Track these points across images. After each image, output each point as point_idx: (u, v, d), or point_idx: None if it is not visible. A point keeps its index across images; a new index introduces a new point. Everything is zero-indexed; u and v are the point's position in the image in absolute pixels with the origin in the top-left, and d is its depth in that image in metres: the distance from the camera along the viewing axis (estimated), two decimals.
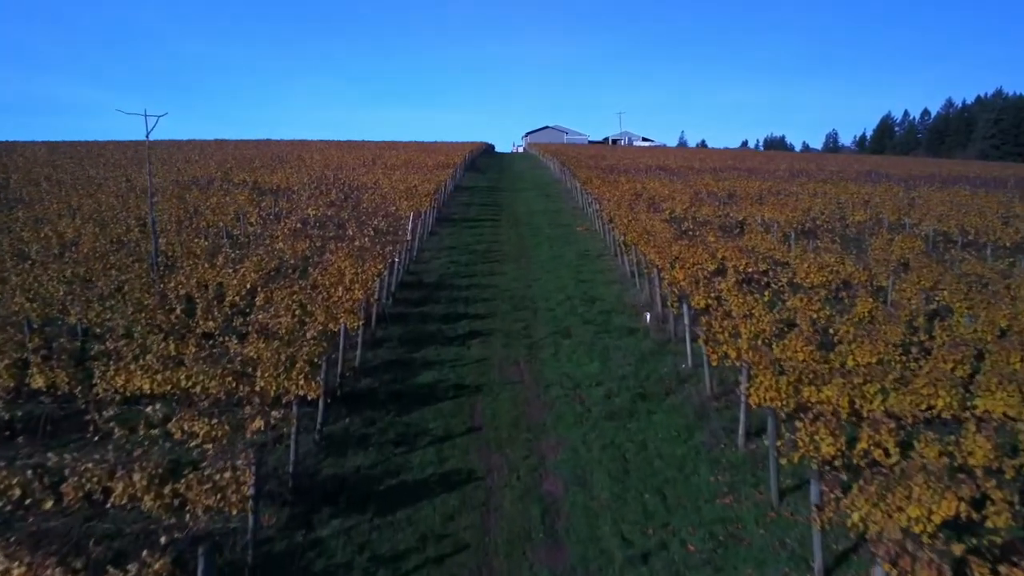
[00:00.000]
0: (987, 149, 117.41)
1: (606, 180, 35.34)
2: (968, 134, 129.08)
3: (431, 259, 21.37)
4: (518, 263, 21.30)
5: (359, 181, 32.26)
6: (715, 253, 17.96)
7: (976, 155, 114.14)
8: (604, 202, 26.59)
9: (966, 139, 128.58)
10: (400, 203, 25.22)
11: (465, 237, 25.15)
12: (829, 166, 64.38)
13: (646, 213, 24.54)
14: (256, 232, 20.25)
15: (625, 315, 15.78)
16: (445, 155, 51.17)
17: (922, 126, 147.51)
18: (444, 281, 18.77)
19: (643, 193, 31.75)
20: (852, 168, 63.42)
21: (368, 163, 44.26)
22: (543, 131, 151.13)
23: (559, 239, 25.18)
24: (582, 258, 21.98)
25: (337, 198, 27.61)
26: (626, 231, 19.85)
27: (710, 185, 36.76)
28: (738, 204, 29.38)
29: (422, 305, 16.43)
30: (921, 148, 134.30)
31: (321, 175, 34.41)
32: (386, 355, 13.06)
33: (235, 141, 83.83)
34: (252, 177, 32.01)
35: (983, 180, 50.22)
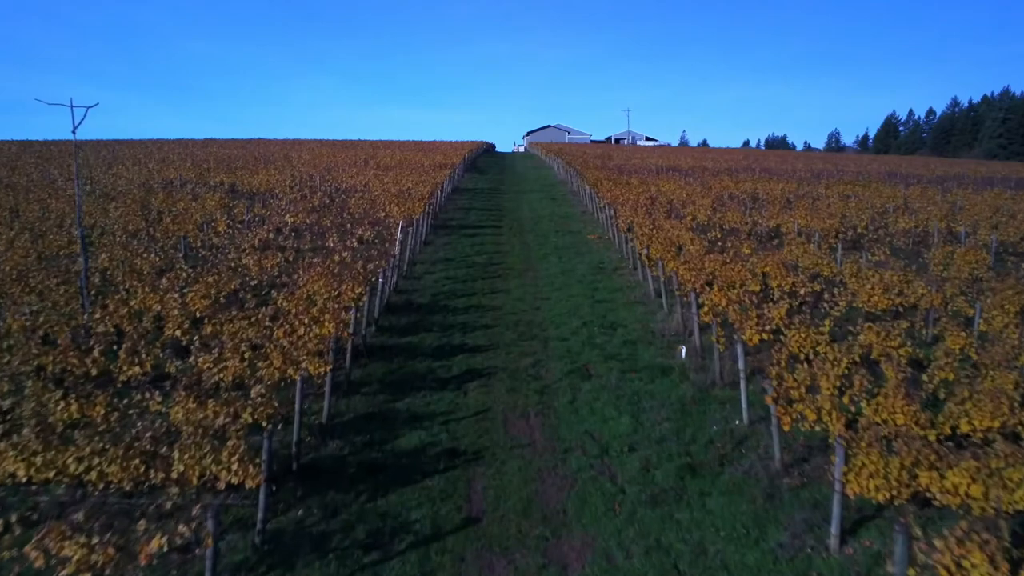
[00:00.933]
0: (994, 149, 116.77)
1: (617, 182, 32.88)
2: (975, 134, 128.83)
3: (424, 274, 18.87)
4: (523, 278, 18.81)
5: (348, 183, 29.78)
6: (755, 270, 15.45)
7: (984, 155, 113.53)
8: (619, 207, 24.12)
9: (972, 139, 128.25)
10: (391, 208, 22.76)
11: (463, 247, 22.66)
12: (847, 166, 61.90)
13: (666, 220, 22.07)
14: (222, 243, 17.75)
15: (654, 347, 13.27)
16: (443, 155, 48.70)
17: (927, 125, 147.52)
18: (438, 302, 16.28)
19: (659, 196, 29.30)
20: (871, 168, 60.96)
21: (360, 164, 41.82)
22: (545, 130, 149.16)
23: (569, 249, 22.68)
24: (596, 273, 19.47)
25: (321, 202, 25.13)
26: (649, 242, 17.36)
27: (730, 187, 34.28)
28: (765, 209, 26.90)
29: (411, 333, 13.93)
30: (926, 148, 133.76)
31: (306, 177, 31.92)
32: (362, 405, 10.56)
33: (223, 140, 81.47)
34: (230, 179, 29.54)
35: (1018, 181, 47.69)
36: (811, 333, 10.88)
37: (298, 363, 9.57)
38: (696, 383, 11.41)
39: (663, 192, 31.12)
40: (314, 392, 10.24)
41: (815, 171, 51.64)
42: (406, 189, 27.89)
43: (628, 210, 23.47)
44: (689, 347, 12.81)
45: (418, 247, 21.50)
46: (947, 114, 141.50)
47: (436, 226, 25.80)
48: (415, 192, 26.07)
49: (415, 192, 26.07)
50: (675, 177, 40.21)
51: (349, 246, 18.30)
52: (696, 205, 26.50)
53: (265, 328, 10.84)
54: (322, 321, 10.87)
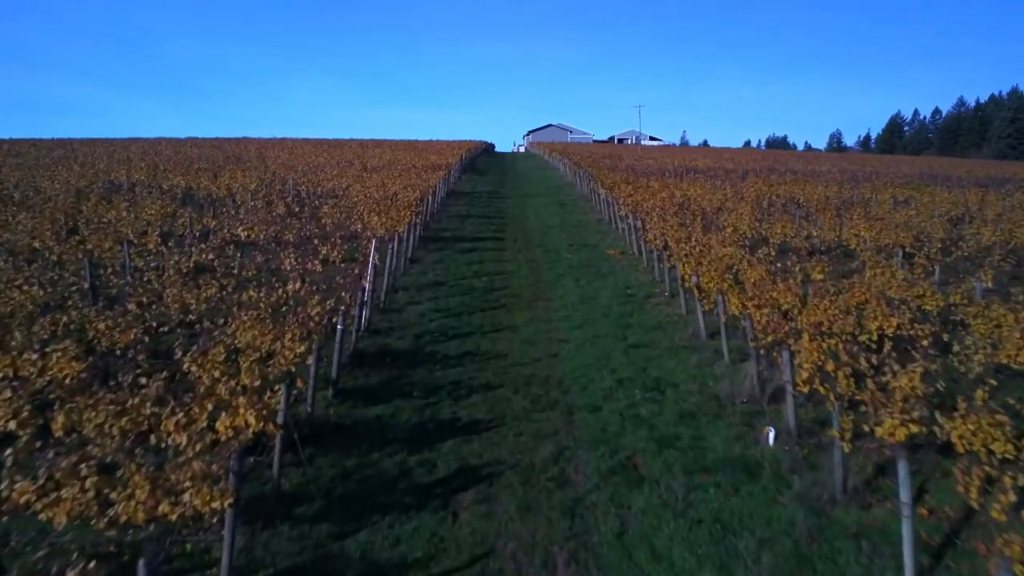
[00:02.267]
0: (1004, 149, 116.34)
1: (635, 185, 29.18)
2: (983, 134, 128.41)
3: (407, 305, 15.14)
4: (533, 310, 15.10)
5: (325, 187, 26.06)
6: (846, 305, 11.71)
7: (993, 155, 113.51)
8: (646, 217, 20.42)
9: (981, 139, 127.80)
10: (369, 218, 19.04)
11: (458, 266, 18.94)
12: (876, 167, 58.24)
13: (703, 232, 18.38)
14: (147, 266, 14.02)
15: (724, 424, 9.54)
16: (438, 155, 44.99)
17: (932, 125, 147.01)
18: (423, 347, 12.56)
19: (686, 202, 25.62)
20: (902, 170, 57.38)
21: (344, 164, 38.11)
22: (546, 129, 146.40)
23: (586, 269, 18.97)
24: (624, 301, 15.77)
25: (288, 211, 21.42)
26: (697, 267, 13.66)
27: (764, 191, 30.59)
28: (816, 218, 23.20)
29: (382, 400, 10.21)
30: (932, 148, 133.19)
31: (278, 179, 28.16)
32: (287, 551, 6.80)
33: (206, 139, 77.86)
34: (187, 181, 25.80)
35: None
36: (985, 425, 7.17)
37: (177, 494, 5.87)
38: (805, 496, 7.66)
39: (690, 197, 27.43)
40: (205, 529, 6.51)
41: (848, 173, 47.99)
42: (391, 194, 24.19)
43: (657, 219, 19.79)
44: (782, 428, 9.08)
45: (402, 267, 17.77)
46: (953, 114, 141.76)
47: (427, 238, 22.08)
48: (401, 198, 22.37)
49: (401, 198, 22.37)
50: (698, 179, 36.53)
51: (311, 268, 14.59)
52: (734, 213, 22.81)
53: (148, 416, 7.15)
54: (236, 407, 7.18)
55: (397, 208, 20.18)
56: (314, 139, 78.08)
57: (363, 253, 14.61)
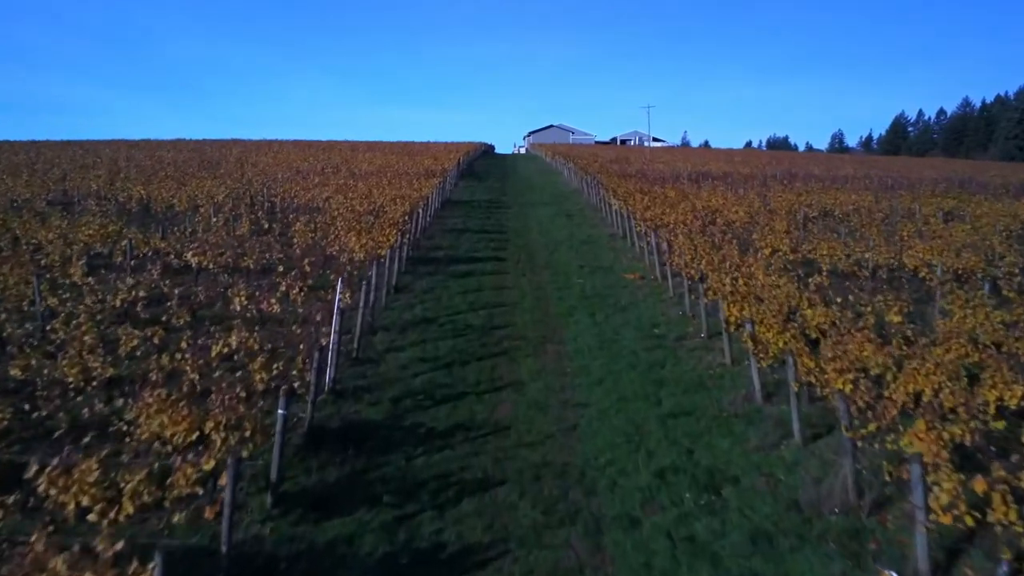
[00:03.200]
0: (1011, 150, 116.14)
1: (650, 195, 26.56)
2: (989, 134, 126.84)
3: (387, 352, 12.48)
4: (542, 357, 12.45)
5: (304, 198, 23.40)
6: (955, 369, 9.05)
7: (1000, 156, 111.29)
8: (670, 235, 17.80)
9: (987, 139, 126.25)
10: (348, 239, 16.42)
11: (451, 295, 16.28)
12: (900, 170, 55.62)
13: (740, 254, 15.78)
14: (62, 310, 11.34)
15: (816, 556, 6.87)
16: (434, 159, 42.30)
17: (937, 126, 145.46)
18: (400, 418, 9.91)
19: (708, 214, 23.03)
20: (924, 174, 54.74)
21: (331, 170, 35.48)
22: (547, 130, 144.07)
23: (603, 299, 16.32)
24: (653, 345, 13.12)
25: (258, 227, 18.78)
26: (745, 306, 11.02)
27: (792, 200, 27.95)
28: (860, 233, 20.57)
29: (339, 510, 7.56)
30: (938, 149, 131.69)
31: (252, 188, 25.46)
32: None
33: (193, 140, 75.28)
34: (148, 191, 23.13)
35: None
36: None
37: None
38: None
39: (712, 208, 24.82)
40: None
41: (875, 178, 45.37)
42: (377, 207, 21.58)
43: (683, 239, 17.17)
44: (905, 567, 6.42)
45: (384, 299, 15.13)
46: (959, 114, 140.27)
47: (416, 259, 19.44)
48: (388, 213, 19.76)
49: (388, 213, 19.76)
50: (717, 187, 33.90)
51: (268, 309, 11.95)
52: (766, 228, 20.19)
53: None
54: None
55: (381, 226, 17.55)
56: (305, 140, 75.54)
57: (331, 288, 11.95)
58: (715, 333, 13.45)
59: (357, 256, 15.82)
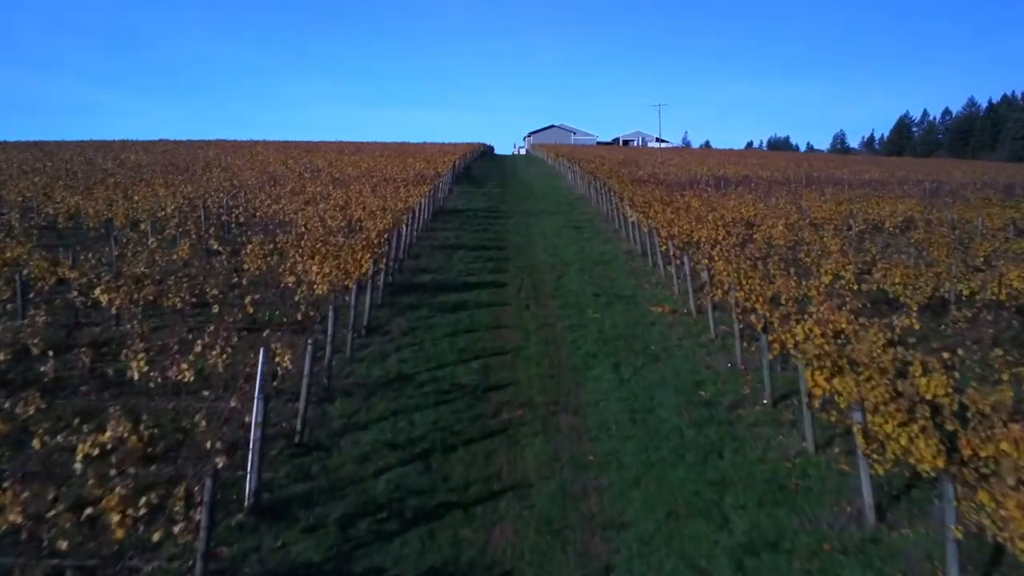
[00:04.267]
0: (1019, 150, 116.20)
1: (673, 206, 23.42)
2: (995, 135, 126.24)
3: (345, 428, 9.31)
4: (554, 440, 9.32)
5: (269, 210, 20.24)
6: None
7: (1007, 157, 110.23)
8: (707, 256, 14.68)
9: (994, 140, 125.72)
10: (309, 266, 13.30)
11: (437, 338, 13.12)
12: (932, 173, 52.44)
13: (796, 283, 12.64)
14: None
15: None
16: (427, 162, 39.09)
17: (943, 126, 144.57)
18: (349, 555, 6.78)
19: (743, 227, 19.92)
20: (955, 177, 51.64)
21: (311, 174, 32.31)
22: (548, 131, 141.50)
23: (627, 341, 13.17)
24: (703, 419, 9.98)
25: (200, 250, 15.64)
26: (854, 390, 7.88)
27: (832, 211, 24.82)
28: (928, 254, 17.45)
29: None
30: (943, 149, 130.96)
31: (209, 198, 22.25)
32: None
33: (175, 140, 72.20)
34: (84, 203, 19.92)
35: None
36: None
37: None
38: None
39: (745, 220, 21.73)
40: None
41: (907, 181, 42.23)
42: (355, 221, 18.48)
43: (720, 262, 14.06)
44: None
45: (350, 346, 12.00)
46: (964, 114, 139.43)
47: (397, 287, 16.31)
48: (366, 229, 16.65)
49: (366, 229, 16.65)
50: (743, 193, 30.77)
51: (177, 373, 8.82)
52: (820, 249, 17.06)
53: None
54: None
55: (353, 249, 14.40)
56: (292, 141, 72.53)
57: (305, 320, 8.78)
58: (782, 396, 10.36)
59: (319, 290, 12.71)
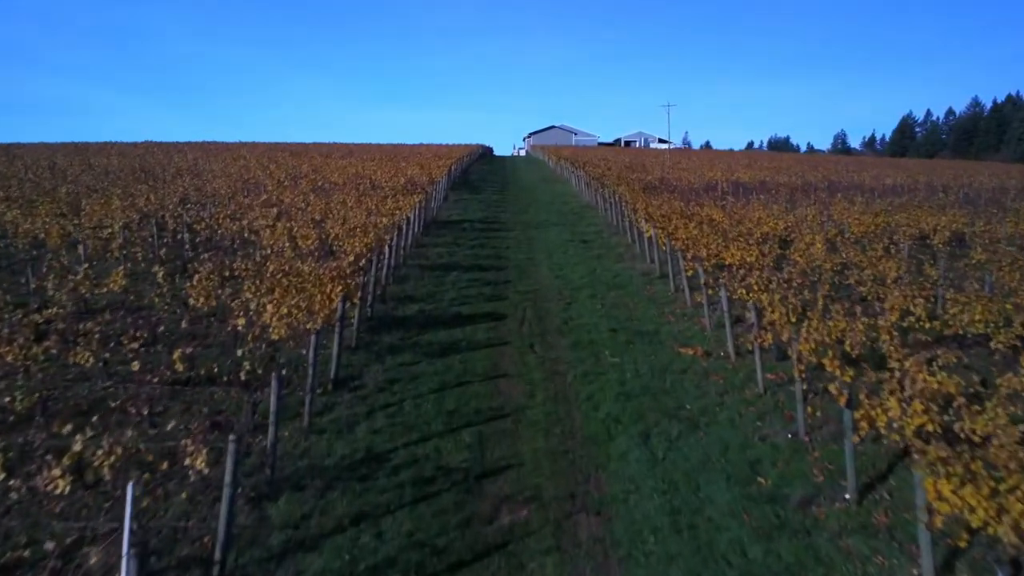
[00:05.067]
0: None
1: (696, 219, 20.97)
2: (1000, 135, 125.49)
3: (285, 550, 6.88)
4: (570, 559, 6.87)
5: (231, 227, 17.79)
6: None
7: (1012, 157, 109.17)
8: (742, 284, 12.27)
9: (998, 140, 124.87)
10: (263, 305, 10.86)
11: (421, 395, 10.68)
12: (956, 176, 50.06)
13: (861, 320, 10.21)
14: None
15: None
16: (421, 167, 36.65)
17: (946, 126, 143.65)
18: None
19: (775, 243, 17.49)
20: (981, 180, 49.24)
21: (291, 181, 29.88)
22: (548, 131, 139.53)
23: (657, 398, 10.73)
24: (768, 524, 7.55)
25: (139, 278, 13.20)
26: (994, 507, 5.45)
27: (869, 223, 22.39)
28: (999, 280, 15.03)
29: None
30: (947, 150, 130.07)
31: (168, 212, 19.77)
32: None
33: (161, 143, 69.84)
34: (11, 217, 17.44)
35: None
36: None
37: None
38: None
39: (777, 234, 19.33)
40: None
41: (934, 187, 39.83)
42: (331, 239, 16.09)
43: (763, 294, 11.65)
44: None
45: (309, 411, 9.57)
46: (968, 114, 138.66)
47: (378, 321, 13.91)
48: (340, 254, 14.25)
49: (340, 254, 14.25)
50: (764, 202, 28.35)
51: (48, 482, 6.37)
52: (872, 274, 14.64)
53: None
54: None
55: (321, 280, 11.96)
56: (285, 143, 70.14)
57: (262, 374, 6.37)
58: (867, 487, 7.98)
59: (276, 335, 10.30)
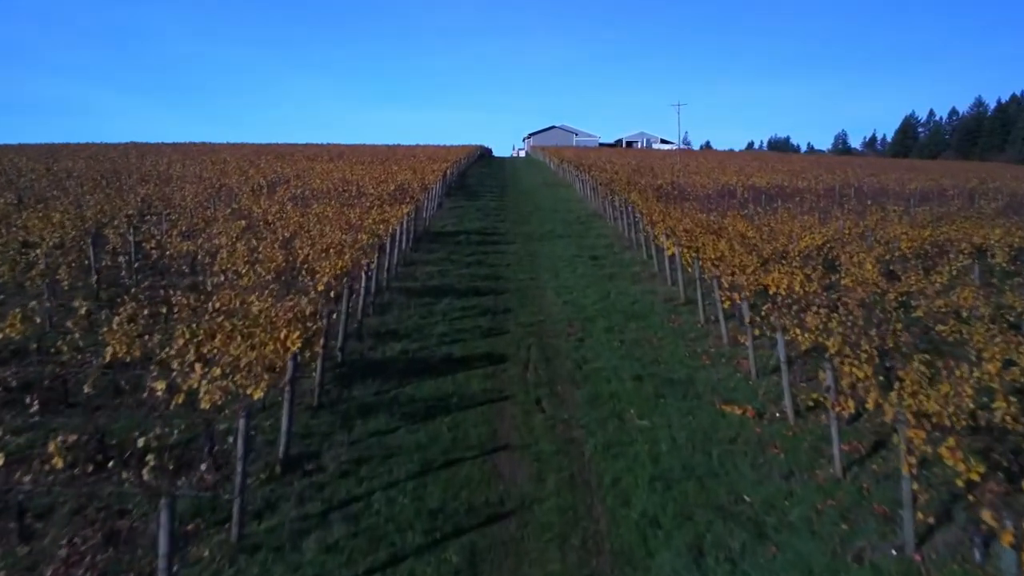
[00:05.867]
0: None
1: (727, 237, 18.49)
2: (1005, 135, 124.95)
3: None
4: None
5: (183, 247, 15.27)
6: None
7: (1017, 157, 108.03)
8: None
9: (1003, 140, 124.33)
10: (195, 367, 8.35)
11: (393, 495, 8.15)
12: (986, 178, 47.61)
13: (949, 380, 7.72)
14: None
15: None
16: (413, 170, 34.12)
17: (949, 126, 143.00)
18: None
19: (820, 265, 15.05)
20: (1010, 186, 46.75)
21: (269, 188, 27.38)
22: (549, 131, 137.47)
23: (704, 483, 8.21)
24: None
25: (49, 319, 10.69)
26: None
27: (915, 237, 19.93)
28: None
29: None
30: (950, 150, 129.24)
31: (112, 227, 17.20)
32: None
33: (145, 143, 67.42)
34: None
35: None
36: None
37: None
38: None
39: (817, 252, 16.89)
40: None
41: (955, 188, 37.39)
42: (298, 264, 13.59)
43: (819, 332, 9.18)
44: None
45: (243, 509, 7.07)
46: (972, 114, 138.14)
47: (350, 367, 11.40)
48: (310, 285, 11.77)
49: (310, 285, 11.77)
50: (791, 211, 25.87)
51: None
52: (943, 309, 12.17)
53: None
54: None
55: (274, 323, 9.45)
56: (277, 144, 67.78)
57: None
58: None
59: (203, 402, 7.81)
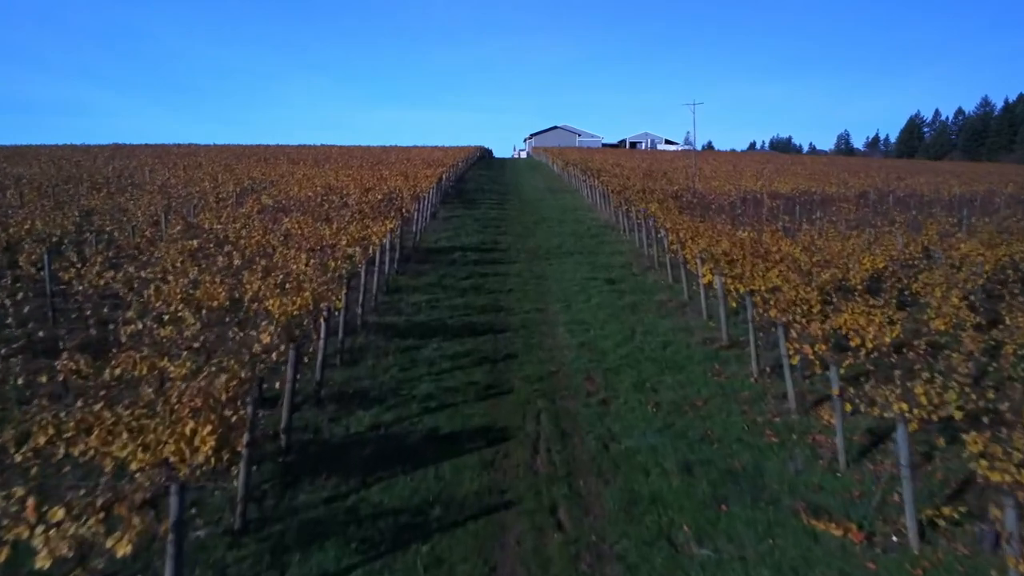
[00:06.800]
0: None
1: (765, 255, 15.68)
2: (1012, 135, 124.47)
3: None
4: None
5: (101, 280, 12.45)
6: None
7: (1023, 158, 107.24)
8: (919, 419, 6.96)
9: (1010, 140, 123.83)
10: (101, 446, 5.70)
11: None
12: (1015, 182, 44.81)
13: None
14: None
15: None
16: (405, 176, 31.28)
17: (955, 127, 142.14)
18: None
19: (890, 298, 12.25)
20: None
21: (238, 197, 24.59)
22: (551, 132, 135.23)
23: None
24: None
25: None
26: None
27: (989, 258, 17.14)
28: None
29: None
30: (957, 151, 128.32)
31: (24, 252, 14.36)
32: None
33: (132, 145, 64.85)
34: None
35: None
36: None
37: None
38: None
39: (888, 285, 14.12)
40: None
41: (1008, 197, 34.56)
42: (248, 297, 10.78)
43: (969, 440, 6.35)
44: None
45: None
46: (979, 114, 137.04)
47: (298, 455, 8.59)
48: (251, 334, 8.97)
49: (251, 334, 8.97)
50: (829, 221, 23.06)
51: None
52: None
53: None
54: None
55: (178, 417, 6.60)
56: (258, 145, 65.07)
57: None
58: None
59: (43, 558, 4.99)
